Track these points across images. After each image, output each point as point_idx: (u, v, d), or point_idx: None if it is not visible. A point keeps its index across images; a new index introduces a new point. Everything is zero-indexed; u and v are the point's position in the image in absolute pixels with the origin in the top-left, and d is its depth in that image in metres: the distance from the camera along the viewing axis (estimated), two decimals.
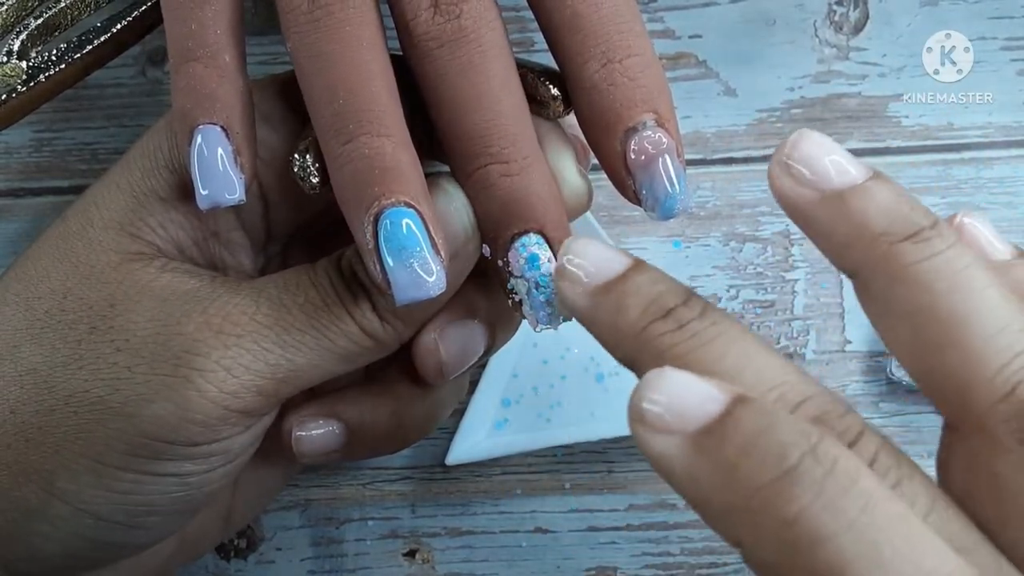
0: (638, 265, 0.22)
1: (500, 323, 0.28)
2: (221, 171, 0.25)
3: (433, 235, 0.24)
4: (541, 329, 0.26)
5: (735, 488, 0.17)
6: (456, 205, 0.25)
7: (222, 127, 0.25)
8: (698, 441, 0.18)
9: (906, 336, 0.20)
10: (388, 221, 0.23)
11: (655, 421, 0.18)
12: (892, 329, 0.21)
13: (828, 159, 0.21)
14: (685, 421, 0.18)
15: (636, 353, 0.21)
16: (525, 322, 0.27)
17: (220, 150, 0.25)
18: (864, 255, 0.20)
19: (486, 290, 0.28)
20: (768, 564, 0.16)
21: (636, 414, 0.18)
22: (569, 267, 0.23)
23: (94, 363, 0.25)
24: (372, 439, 0.29)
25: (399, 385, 0.29)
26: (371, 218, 0.23)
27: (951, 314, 0.19)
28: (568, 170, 0.27)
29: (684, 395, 0.18)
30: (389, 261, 0.23)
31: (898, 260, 0.20)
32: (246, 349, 0.25)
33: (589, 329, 0.23)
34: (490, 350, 0.28)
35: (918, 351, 0.20)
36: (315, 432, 0.28)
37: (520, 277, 0.25)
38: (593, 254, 0.23)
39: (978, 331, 0.19)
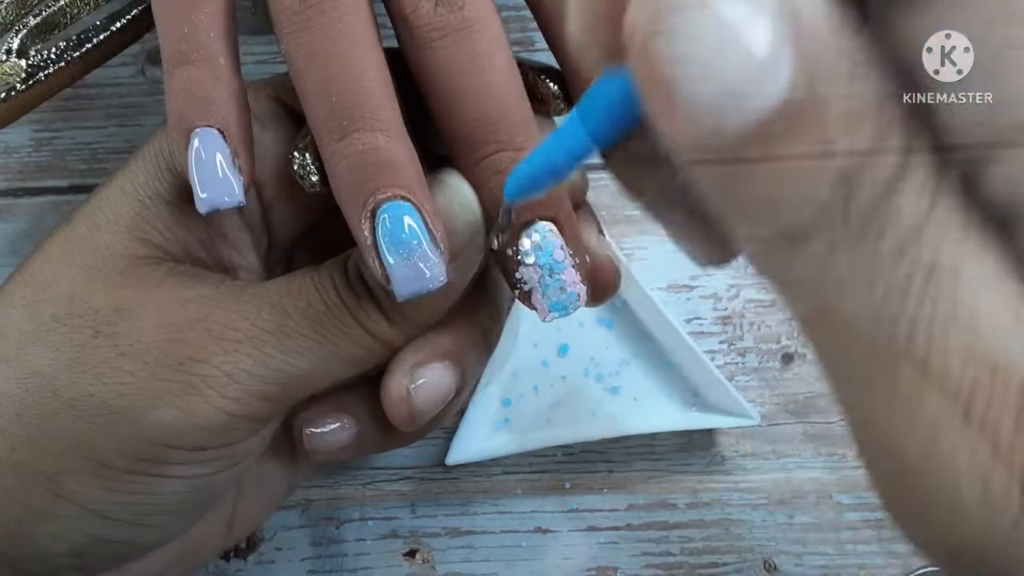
0: None
1: (468, 364, 0.28)
2: (220, 174, 0.25)
3: (432, 228, 0.24)
4: (551, 318, 0.26)
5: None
6: (460, 199, 0.25)
7: (219, 130, 0.25)
8: None
9: None
10: (386, 216, 0.23)
11: None
12: None
13: None
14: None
15: None
16: (524, 323, 0.26)
17: (218, 153, 0.25)
18: None
19: (452, 330, 0.27)
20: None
21: None
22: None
23: (98, 367, 0.25)
24: (382, 433, 0.29)
25: None
26: (368, 213, 0.23)
27: None
28: None
29: None
30: (388, 256, 0.23)
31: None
32: (246, 354, 0.25)
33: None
34: (461, 392, 0.28)
35: None
36: (326, 429, 0.28)
37: (531, 265, 0.25)
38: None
39: None
